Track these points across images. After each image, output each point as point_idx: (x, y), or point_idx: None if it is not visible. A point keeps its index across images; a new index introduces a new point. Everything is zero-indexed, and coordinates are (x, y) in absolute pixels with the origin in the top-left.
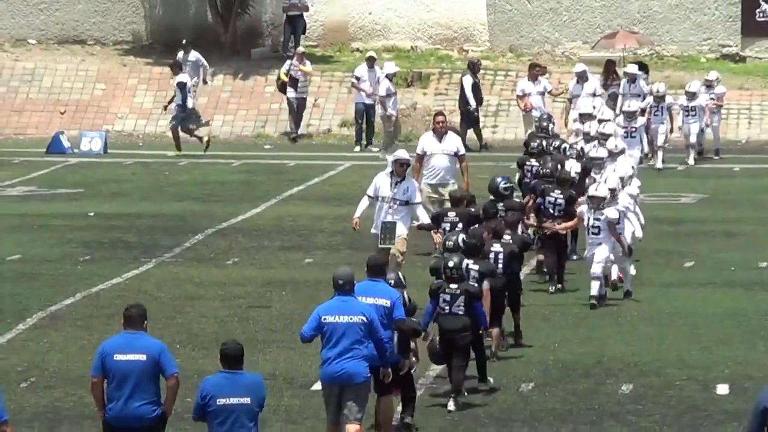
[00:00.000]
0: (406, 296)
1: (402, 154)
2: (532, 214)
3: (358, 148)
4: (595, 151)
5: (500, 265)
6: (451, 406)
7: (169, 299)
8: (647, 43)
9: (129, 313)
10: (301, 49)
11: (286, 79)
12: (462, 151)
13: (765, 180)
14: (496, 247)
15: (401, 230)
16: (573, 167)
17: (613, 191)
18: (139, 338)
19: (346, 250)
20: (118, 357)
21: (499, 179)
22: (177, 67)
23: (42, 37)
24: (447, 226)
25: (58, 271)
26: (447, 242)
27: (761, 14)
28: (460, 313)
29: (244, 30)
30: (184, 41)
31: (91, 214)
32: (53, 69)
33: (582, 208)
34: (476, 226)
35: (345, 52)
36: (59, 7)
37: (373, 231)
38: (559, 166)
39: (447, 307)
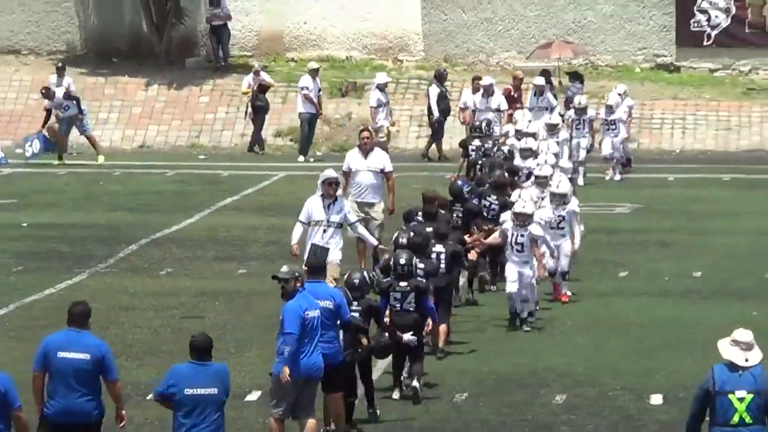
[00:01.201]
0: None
1: (330, 173)
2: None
3: (302, 158)
4: (539, 169)
5: (443, 265)
6: (415, 382)
7: (103, 309)
8: (582, 53)
9: (74, 311)
10: (257, 65)
11: (248, 91)
12: (389, 168)
13: (699, 190)
14: (438, 247)
15: (334, 256)
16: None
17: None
18: (83, 337)
19: (280, 261)
20: (62, 354)
21: (460, 182)
22: (49, 95)
23: None
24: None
25: None
26: (399, 240)
27: (696, 24)
28: (411, 309)
29: (178, 40)
30: (59, 64)
31: (25, 224)
32: None
33: (506, 225)
34: (444, 214)
35: (280, 62)
36: None
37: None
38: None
39: (398, 305)
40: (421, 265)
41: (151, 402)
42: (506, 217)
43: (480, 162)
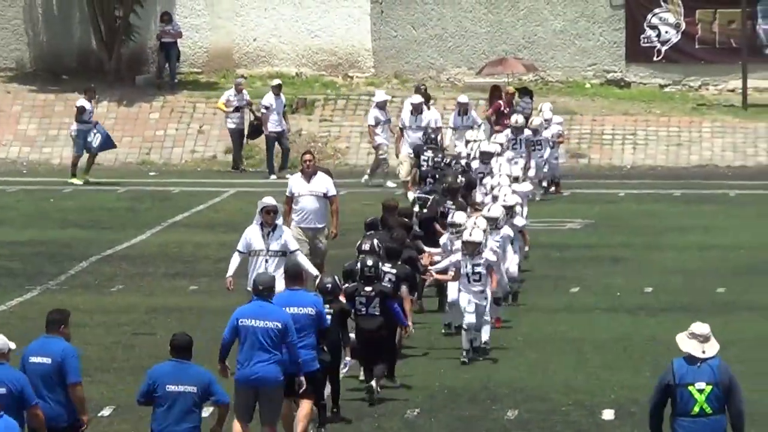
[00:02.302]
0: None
1: (268, 201)
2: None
3: (273, 176)
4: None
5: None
6: (373, 382)
7: None
8: (533, 70)
9: (49, 318)
10: (240, 80)
11: (226, 109)
12: (332, 192)
13: (650, 205)
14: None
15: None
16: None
17: (483, 231)
18: (50, 342)
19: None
20: (32, 360)
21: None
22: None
23: None
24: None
25: None
26: (363, 246)
27: (645, 40)
28: (376, 313)
29: (128, 57)
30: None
31: None
32: None
33: (456, 257)
34: (399, 230)
35: (230, 78)
36: None
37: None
38: (459, 179)
39: (363, 309)
40: (392, 270)
41: (103, 419)
42: (455, 244)
43: (431, 174)
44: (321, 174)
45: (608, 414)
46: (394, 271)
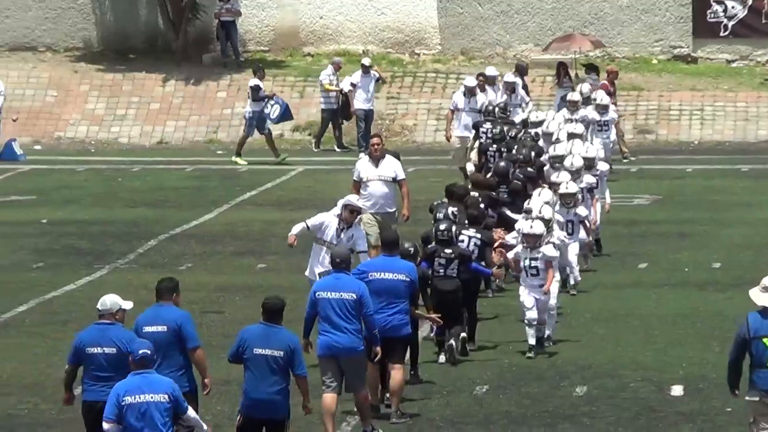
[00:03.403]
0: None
1: (354, 201)
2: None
3: (363, 154)
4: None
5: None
6: (452, 341)
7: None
8: (600, 46)
9: (160, 286)
10: (338, 59)
11: (334, 88)
12: (401, 175)
13: (717, 180)
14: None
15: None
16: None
17: (548, 222)
18: (163, 310)
19: (299, 255)
20: (147, 329)
21: (503, 163)
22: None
23: None
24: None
25: (11, 278)
26: (437, 213)
27: (712, 15)
28: (453, 275)
29: (194, 35)
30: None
31: (44, 221)
32: (5, 76)
33: (516, 250)
34: (473, 196)
35: (296, 56)
36: (9, 14)
37: (307, 275)
38: (532, 153)
39: (441, 270)
40: (477, 235)
41: None
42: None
43: (491, 148)
44: (389, 157)
45: (677, 390)
46: (479, 235)
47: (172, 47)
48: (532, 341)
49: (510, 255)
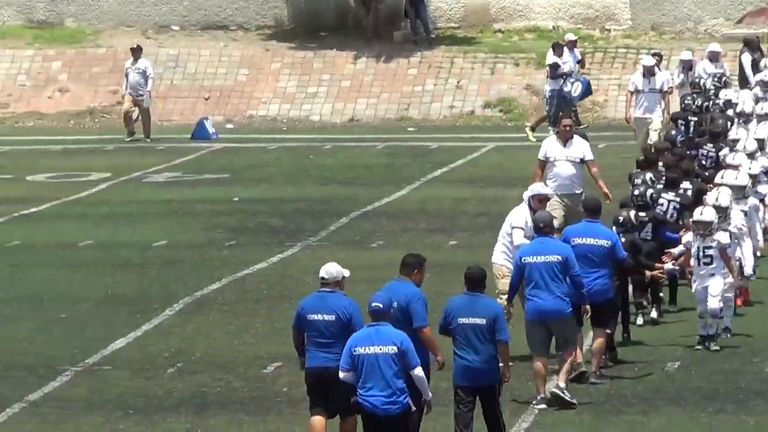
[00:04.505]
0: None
1: (539, 189)
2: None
3: (552, 132)
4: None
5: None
6: (653, 314)
7: (315, 283)
8: None
9: (404, 261)
10: (570, 36)
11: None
12: (589, 156)
13: None
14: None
15: None
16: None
17: (725, 210)
18: (400, 286)
19: (490, 232)
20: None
21: (674, 132)
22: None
23: (185, 24)
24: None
25: (204, 256)
26: (635, 179)
27: None
28: (648, 238)
29: (385, 13)
30: (135, 45)
31: (236, 199)
32: (197, 55)
33: (687, 237)
34: (669, 156)
35: (487, 33)
36: None
37: (493, 260)
38: (728, 123)
39: (636, 234)
40: (676, 199)
41: None
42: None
43: (681, 117)
44: (577, 138)
45: None
46: (678, 199)
47: (362, 24)
48: (702, 332)
49: (675, 251)
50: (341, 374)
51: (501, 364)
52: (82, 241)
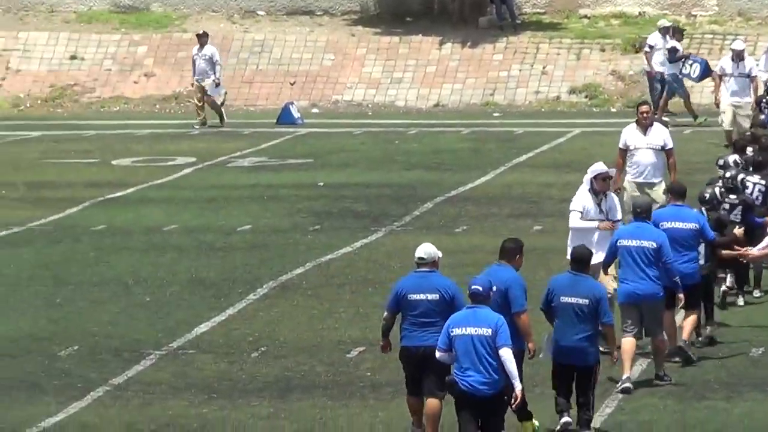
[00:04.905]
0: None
1: (600, 167)
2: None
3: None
4: None
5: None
6: (740, 302)
7: (400, 268)
8: None
9: (503, 246)
10: (664, 22)
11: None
12: (669, 144)
13: None
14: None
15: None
16: None
17: None
18: (500, 271)
19: None
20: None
21: (763, 116)
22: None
23: (271, 9)
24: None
25: (288, 241)
26: (720, 161)
27: None
28: (737, 221)
29: None
30: (201, 32)
31: (321, 184)
32: (282, 40)
33: None
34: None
35: (573, 18)
36: None
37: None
38: None
39: (725, 215)
40: (762, 182)
41: None
42: None
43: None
44: (657, 125)
45: None
46: (763, 182)
47: (448, 10)
48: None
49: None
50: (438, 354)
51: (604, 348)
52: (167, 225)
